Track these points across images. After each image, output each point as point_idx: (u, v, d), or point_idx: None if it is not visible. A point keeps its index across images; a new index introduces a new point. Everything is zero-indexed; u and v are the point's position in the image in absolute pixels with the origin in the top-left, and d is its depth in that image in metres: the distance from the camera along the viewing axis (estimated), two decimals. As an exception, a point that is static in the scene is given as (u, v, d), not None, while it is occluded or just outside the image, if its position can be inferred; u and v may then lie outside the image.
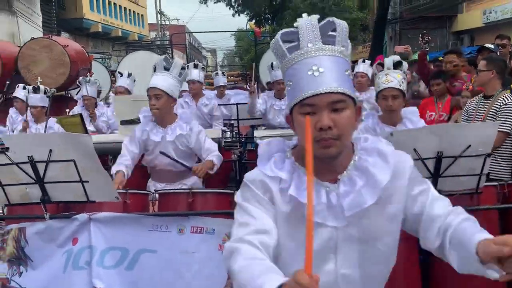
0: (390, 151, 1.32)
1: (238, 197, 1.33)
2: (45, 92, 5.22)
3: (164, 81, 3.15)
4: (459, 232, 1.22)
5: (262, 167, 1.32)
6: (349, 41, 1.30)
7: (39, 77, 6.05)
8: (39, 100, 5.19)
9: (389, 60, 3.09)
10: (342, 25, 1.27)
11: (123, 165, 3.11)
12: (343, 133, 1.23)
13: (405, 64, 3.11)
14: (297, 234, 1.25)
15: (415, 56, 6.18)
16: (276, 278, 1.03)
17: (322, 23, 1.26)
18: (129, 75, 6.07)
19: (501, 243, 1.06)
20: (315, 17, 1.27)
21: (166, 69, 3.20)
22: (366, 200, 1.25)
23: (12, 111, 6.27)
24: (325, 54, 1.23)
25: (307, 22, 1.25)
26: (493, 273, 1.11)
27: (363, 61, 5.76)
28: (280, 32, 1.31)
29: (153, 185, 3.40)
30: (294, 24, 1.28)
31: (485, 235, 1.16)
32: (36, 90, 5.19)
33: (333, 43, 1.25)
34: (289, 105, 1.28)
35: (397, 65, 3.07)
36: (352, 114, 1.25)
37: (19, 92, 6.05)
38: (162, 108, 3.16)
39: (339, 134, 1.22)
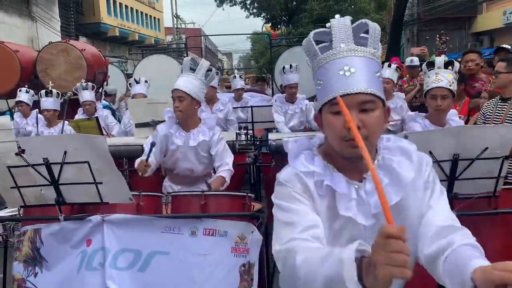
0: (413, 149, 1.34)
1: (275, 197, 1.33)
2: (57, 96, 5.27)
3: (188, 82, 3.11)
4: (457, 254, 1.17)
5: (294, 164, 1.33)
6: (380, 43, 1.32)
7: (50, 81, 6.14)
8: (52, 103, 5.21)
9: (440, 59, 3.03)
10: (375, 27, 1.29)
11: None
12: (372, 133, 1.24)
13: (456, 64, 3.04)
14: (334, 225, 1.29)
15: (434, 58, 6.09)
16: (347, 252, 1.01)
17: (355, 24, 1.29)
18: (146, 81, 6.09)
19: (503, 269, 0.99)
20: (348, 18, 1.29)
21: (192, 70, 3.16)
22: (392, 198, 1.25)
23: (16, 115, 6.32)
24: (356, 55, 1.25)
25: (340, 22, 1.27)
26: None
27: (389, 65, 5.29)
28: (313, 31, 1.33)
29: (169, 186, 3.41)
30: (327, 25, 1.30)
31: (485, 262, 1.10)
32: (48, 93, 5.22)
33: (365, 45, 1.27)
34: (319, 104, 1.29)
35: (448, 65, 3.00)
36: (381, 115, 1.26)
37: (23, 95, 6.08)
38: (185, 110, 3.11)
39: (368, 135, 1.22)
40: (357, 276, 0.98)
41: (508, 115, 3.43)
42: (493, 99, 3.67)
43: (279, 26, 30.18)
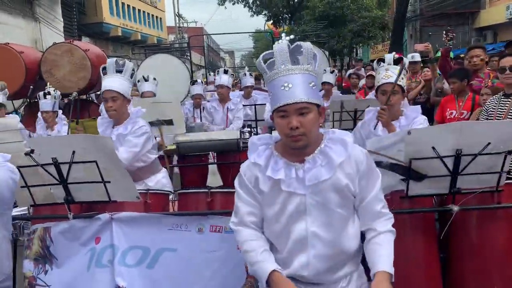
0: (350, 142, 1.76)
1: (235, 183, 1.86)
2: (56, 97, 5.23)
3: (118, 83, 3.22)
4: (371, 248, 1.77)
5: (249, 156, 1.81)
6: (315, 57, 1.71)
7: (48, 83, 6.16)
8: (49, 105, 5.13)
9: (389, 56, 3.13)
10: (307, 47, 1.68)
11: None
12: (308, 130, 1.67)
13: (405, 60, 3.13)
14: (275, 202, 1.78)
15: (439, 54, 6.09)
16: (266, 268, 1.75)
17: (292, 46, 1.68)
18: (154, 79, 6.14)
19: None
20: (286, 43, 1.69)
21: (119, 71, 3.27)
22: (323, 175, 1.71)
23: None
24: (293, 72, 1.67)
25: (280, 48, 1.68)
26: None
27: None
28: (262, 54, 1.78)
29: None
30: (274, 46, 1.71)
31: (383, 265, 1.71)
32: (46, 95, 5.16)
33: (300, 63, 1.68)
34: (271, 109, 1.74)
35: (397, 61, 3.08)
36: (316, 116, 1.70)
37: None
38: (119, 109, 3.24)
39: (305, 131, 1.67)
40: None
41: (511, 111, 3.45)
42: (496, 95, 3.69)
43: (281, 24, 30.13)
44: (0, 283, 1.69)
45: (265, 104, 6.24)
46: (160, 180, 3.54)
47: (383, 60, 3.11)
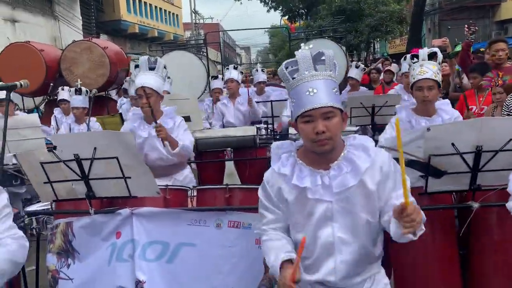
0: (371, 147, 1.78)
1: (259, 191, 1.90)
2: (86, 93, 5.42)
3: (152, 80, 3.27)
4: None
5: (273, 166, 1.83)
6: (335, 64, 1.76)
7: (79, 79, 6.29)
8: (81, 101, 5.38)
9: (423, 51, 3.09)
10: (329, 54, 1.73)
11: None
12: (334, 134, 1.70)
13: (440, 55, 3.09)
14: (302, 209, 1.79)
15: (459, 48, 5.99)
16: (279, 257, 1.73)
17: (314, 53, 1.72)
18: (168, 77, 6.20)
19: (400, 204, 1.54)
20: (308, 50, 1.72)
21: (151, 68, 3.31)
22: (350, 181, 1.73)
23: (56, 111, 6.53)
24: (317, 78, 1.70)
25: (303, 55, 1.72)
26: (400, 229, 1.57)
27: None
28: (284, 62, 1.79)
29: None
30: (295, 53, 1.75)
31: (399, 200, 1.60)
32: (77, 91, 5.39)
33: (323, 69, 1.72)
34: (294, 116, 1.75)
35: (432, 56, 3.05)
36: (340, 120, 1.73)
37: (65, 94, 6.29)
38: (153, 106, 3.27)
39: (331, 135, 1.69)
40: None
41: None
42: None
43: (297, 19, 29.98)
44: None
45: (281, 100, 6.22)
46: (188, 175, 3.59)
47: (416, 56, 3.09)
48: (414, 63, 3.10)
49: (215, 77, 7.05)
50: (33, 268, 3.19)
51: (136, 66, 3.37)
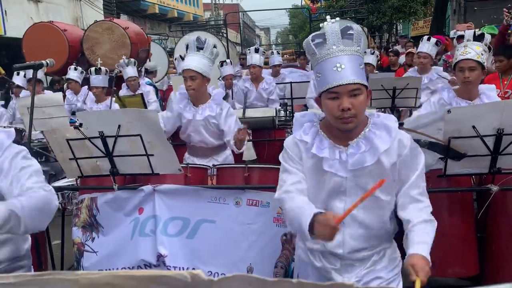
0: (394, 127, 1.73)
1: (280, 157, 1.85)
2: (106, 73, 5.48)
3: (198, 62, 3.24)
4: (411, 234, 1.71)
5: (295, 133, 1.81)
6: (362, 39, 1.70)
7: (99, 59, 6.38)
8: (100, 81, 5.42)
9: (469, 32, 3.03)
10: (357, 29, 1.67)
11: None
12: (359, 112, 1.66)
13: (487, 36, 3.00)
14: (317, 177, 1.79)
15: (487, 30, 5.83)
16: (310, 211, 1.63)
17: (342, 27, 1.67)
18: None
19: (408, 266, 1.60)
20: (336, 23, 1.67)
21: (199, 49, 3.28)
22: (366, 161, 1.71)
23: (68, 92, 6.64)
24: (345, 53, 1.64)
25: (331, 28, 1.65)
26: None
27: (428, 39, 5.27)
28: (311, 35, 1.73)
29: (188, 157, 3.58)
30: (321, 25, 1.70)
31: (416, 249, 1.65)
32: (97, 71, 5.45)
33: (351, 44, 1.66)
34: (319, 91, 1.71)
35: (479, 38, 2.98)
36: (365, 98, 1.68)
37: (72, 73, 6.36)
38: (198, 88, 3.27)
39: (356, 113, 1.65)
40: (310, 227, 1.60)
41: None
42: None
43: (318, 0, 29.48)
44: (17, 261, 1.83)
45: (300, 82, 6.21)
46: (228, 156, 3.60)
47: (462, 37, 3.06)
48: (459, 44, 3.04)
49: (223, 63, 6.90)
50: (59, 242, 3.33)
51: (187, 47, 3.35)
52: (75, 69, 6.42)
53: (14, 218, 1.55)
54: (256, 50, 6.15)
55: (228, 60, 7.03)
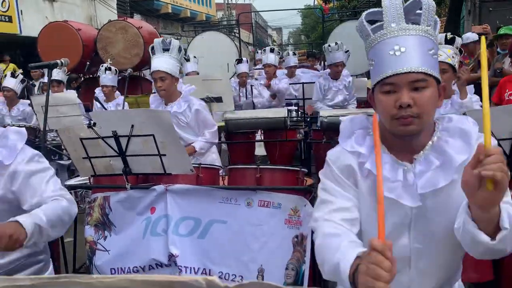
0: (474, 132, 1.30)
1: (321, 173, 1.41)
2: (116, 73, 5.53)
3: (166, 63, 3.32)
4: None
5: (343, 143, 1.38)
6: (437, 18, 1.29)
7: (109, 59, 6.43)
8: (110, 80, 5.49)
9: (440, 36, 3.13)
10: (428, 4, 1.26)
11: None
12: (423, 111, 1.24)
13: (458, 40, 3.15)
14: (371, 208, 1.32)
15: (504, 31, 5.75)
16: (351, 254, 1.11)
17: (408, 2, 1.27)
18: (194, 57, 6.35)
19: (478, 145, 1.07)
20: None
21: (165, 50, 3.35)
22: (439, 181, 1.27)
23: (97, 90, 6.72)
24: (408, 33, 1.24)
25: (391, 2, 1.26)
26: (484, 237, 1.11)
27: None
28: (366, 12, 1.34)
29: None
30: (382, 3, 1.30)
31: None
32: (107, 70, 5.48)
33: (418, 22, 1.25)
34: (372, 84, 1.31)
35: (450, 41, 3.13)
36: (434, 93, 1.26)
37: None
38: (168, 88, 3.36)
39: (419, 113, 1.23)
40: (352, 275, 1.07)
41: None
42: None
43: (331, 0, 29.37)
44: (36, 255, 1.85)
45: (312, 82, 6.22)
46: (210, 155, 3.68)
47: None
48: None
49: (240, 61, 7.01)
50: (71, 240, 3.36)
51: (152, 49, 3.42)
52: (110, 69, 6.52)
53: (39, 232, 1.56)
54: (272, 50, 6.27)
55: (244, 59, 7.11)
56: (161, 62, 3.32)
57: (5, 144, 1.71)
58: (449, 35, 3.17)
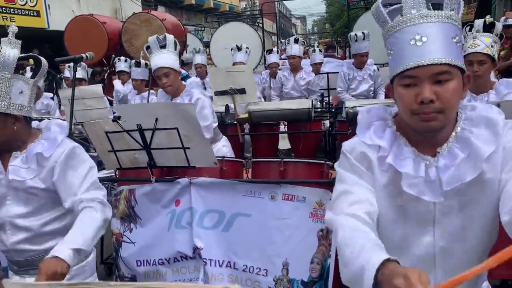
0: (500, 120, 1.21)
1: (337, 165, 1.36)
2: (145, 66, 5.60)
3: (167, 58, 3.32)
4: None
5: (361, 135, 1.31)
6: (461, 2, 1.20)
7: (141, 52, 6.49)
8: (140, 73, 5.60)
9: (479, 22, 2.83)
10: None
11: None
12: (447, 106, 1.16)
13: (498, 26, 2.82)
14: (394, 202, 1.26)
15: None
16: (377, 257, 1.03)
17: None
18: (199, 50, 6.67)
19: None
20: None
21: (162, 47, 3.33)
22: (466, 175, 1.19)
23: (117, 84, 6.82)
24: (430, 21, 1.15)
25: None
26: None
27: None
28: None
29: None
30: None
31: None
32: (137, 64, 5.58)
33: (441, 8, 1.16)
34: (391, 75, 1.24)
35: (489, 27, 2.80)
36: (459, 85, 1.18)
37: (122, 64, 6.58)
38: (173, 83, 3.37)
39: (442, 108, 1.16)
40: (376, 278, 0.99)
41: None
42: None
43: (356, -13, 28.81)
44: None
45: (336, 72, 6.13)
46: (221, 148, 3.66)
47: (472, 26, 2.89)
48: (468, 34, 2.85)
49: (270, 51, 7.03)
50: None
51: (148, 48, 3.41)
52: (125, 60, 6.62)
53: (79, 254, 1.58)
54: (296, 41, 6.19)
55: (274, 49, 7.12)
56: (162, 59, 3.33)
57: (48, 136, 1.80)
58: (489, 20, 2.84)
